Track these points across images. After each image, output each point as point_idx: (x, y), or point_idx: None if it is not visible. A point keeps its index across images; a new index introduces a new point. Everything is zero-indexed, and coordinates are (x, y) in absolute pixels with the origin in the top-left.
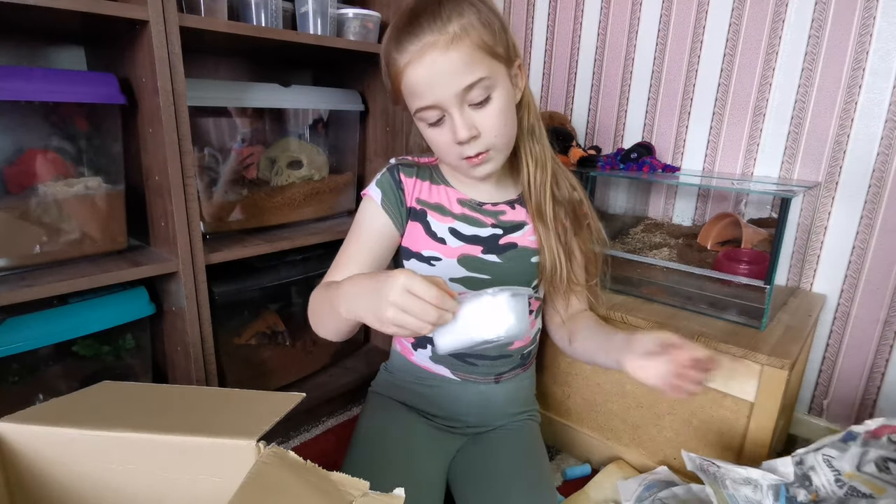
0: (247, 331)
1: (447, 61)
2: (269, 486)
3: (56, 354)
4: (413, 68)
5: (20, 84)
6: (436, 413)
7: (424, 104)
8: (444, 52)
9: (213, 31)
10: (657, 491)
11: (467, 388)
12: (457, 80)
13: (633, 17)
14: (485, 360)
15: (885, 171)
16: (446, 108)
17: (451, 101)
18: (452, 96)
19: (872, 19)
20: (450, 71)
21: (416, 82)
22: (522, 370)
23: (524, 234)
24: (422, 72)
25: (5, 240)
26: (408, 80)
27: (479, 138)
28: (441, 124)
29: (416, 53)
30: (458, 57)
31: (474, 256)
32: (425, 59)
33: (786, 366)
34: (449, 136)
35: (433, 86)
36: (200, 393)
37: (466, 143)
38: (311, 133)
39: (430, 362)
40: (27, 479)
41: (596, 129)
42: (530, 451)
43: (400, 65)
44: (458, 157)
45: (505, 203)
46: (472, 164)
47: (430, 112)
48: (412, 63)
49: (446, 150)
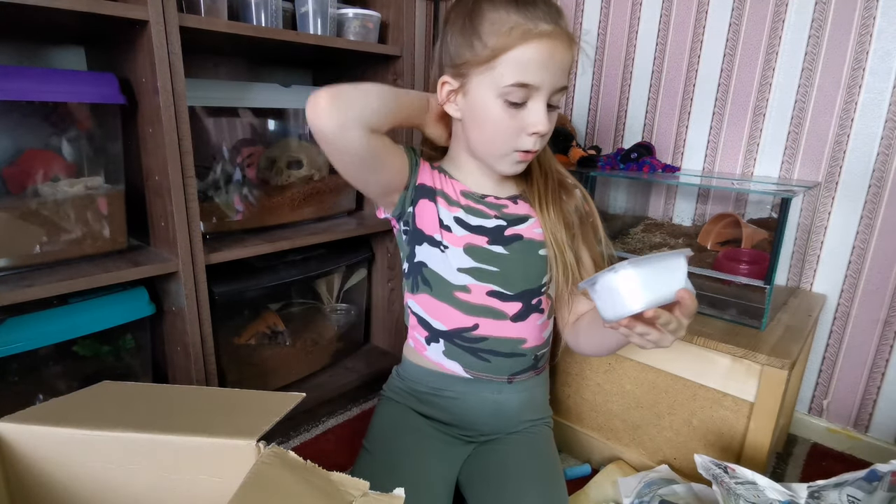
0: (247, 331)
1: (567, 56)
2: (269, 486)
3: (56, 354)
4: (539, 45)
5: (20, 84)
6: (448, 422)
7: (527, 80)
8: (566, 47)
9: (213, 31)
10: (657, 488)
11: (480, 393)
12: (563, 76)
13: (633, 17)
14: (498, 355)
15: (885, 171)
16: (539, 95)
17: (548, 90)
18: (552, 87)
19: (872, 19)
20: (563, 66)
21: (535, 59)
22: (535, 373)
23: (529, 226)
24: (544, 52)
25: (5, 240)
26: (525, 51)
27: (544, 137)
28: (519, 108)
29: (547, 35)
30: (570, 58)
31: (480, 247)
32: (554, 42)
33: (786, 366)
34: (520, 122)
35: (547, 70)
36: (200, 393)
37: (534, 137)
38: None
39: (443, 357)
40: (27, 479)
41: (596, 129)
42: (544, 454)
43: (521, 31)
44: (512, 147)
45: (507, 198)
46: (522, 158)
47: (522, 91)
48: (540, 40)
49: (507, 136)
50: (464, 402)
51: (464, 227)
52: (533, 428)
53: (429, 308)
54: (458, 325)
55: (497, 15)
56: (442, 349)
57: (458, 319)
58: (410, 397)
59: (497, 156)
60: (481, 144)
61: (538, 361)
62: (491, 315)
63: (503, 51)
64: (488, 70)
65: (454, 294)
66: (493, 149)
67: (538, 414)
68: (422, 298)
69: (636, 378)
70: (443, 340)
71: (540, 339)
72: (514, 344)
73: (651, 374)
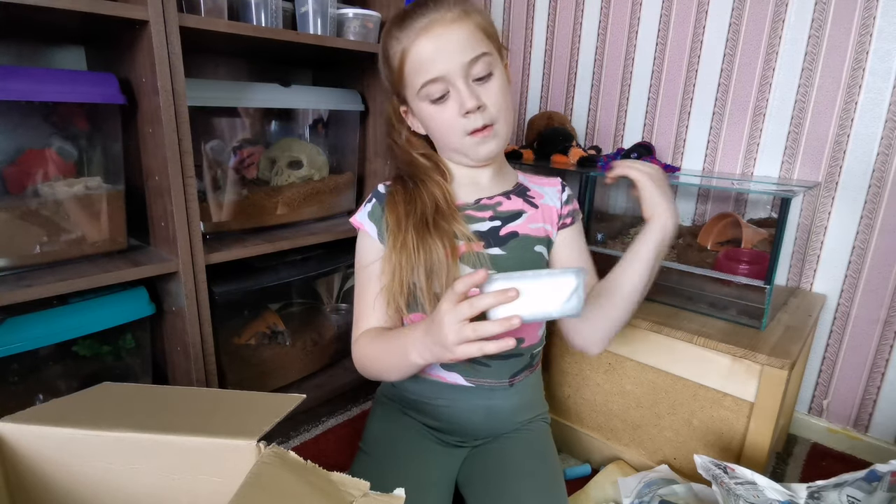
0: (247, 331)
1: (453, 34)
2: (269, 486)
3: (56, 354)
4: (420, 43)
5: (20, 84)
6: (443, 428)
7: (430, 77)
8: (449, 27)
9: (213, 31)
10: (657, 488)
11: (471, 400)
12: (462, 52)
13: (633, 17)
14: (497, 359)
15: (885, 171)
16: (452, 80)
17: (457, 72)
18: (459, 67)
19: (872, 19)
20: (456, 42)
21: (423, 56)
22: (530, 371)
23: (524, 221)
24: (428, 45)
25: (5, 240)
26: (413, 55)
27: (484, 109)
28: (445, 100)
29: (423, 29)
30: (463, 32)
31: (477, 252)
32: (432, 32)
33: (786, 366)
34: (454, 110)
35: (440, 58)
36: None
37: (473, 114)
38: (311, 133)
39: (441, 371)
40: (27, 480)
41: (596, 129)
42: (542, 454)
43: (405, 42)
44: (464, 133)
45: (500, 195)
46: (480, 137)
47: (434, 86)
48: (419, 38)
49: (450, 127)
50: (454, 409)
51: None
52: (530, 425)
53: None
54: None
55: (389, 40)
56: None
57: None
58: (403, 403)
59: (458, 148)
60: (443, 144)
61: (533, 359)
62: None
63: (402, 64)
64: (405, 85)
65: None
66: (451, 142)
67: (533, 412)
68: (419, 317)
69: (636, 378)
70: None
71: (536, 337)
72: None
73: (651, 374)
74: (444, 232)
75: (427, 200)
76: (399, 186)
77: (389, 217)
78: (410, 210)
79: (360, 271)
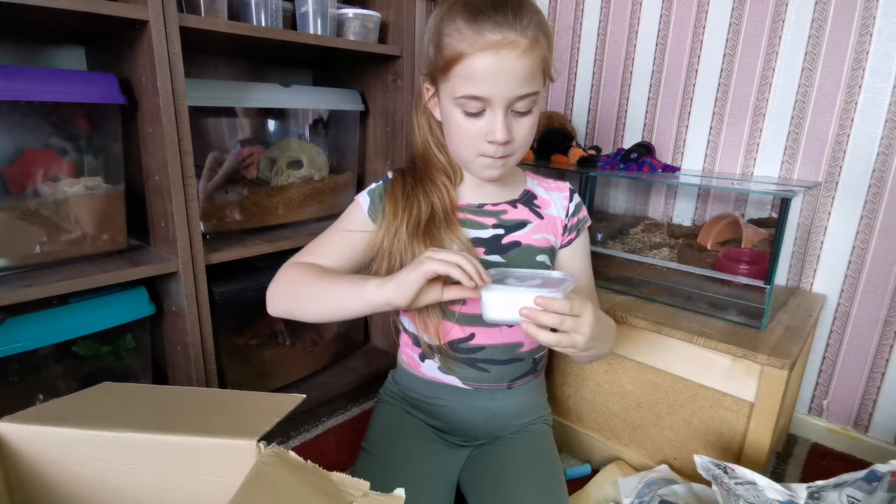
0: (247, 331)
1: (519, 65)
2: (269, 486)
3: (56, 354)
4: (482, 57)
5: (20, 84)
6: (444, 429)
7: (476, 93)
8: (519, 56)
9: (213, 31)
10: (657, 488)
11: (473, 402)
12: (518, 86)
13: (633, 17)
14: (496, 364)
15: (885, 171)
16: (494, 105)
17: (502, 101)
18: (506, 98)
19: (872, 19)
20: (517, 75)
21: (478, 70)
22: (534, 376)
23: (528, 231)
24: (490, 64)
25: (5, 240)
26: (470, 64)
27: (509, 144)
28: (478, 117)
29: (494, 44)
30: (528, 66)
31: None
32: (501, 53)
33: (786, 366)
34: (481, 130)
35: (496, 82)
36: (201, 394)
37: (496, 145)
38: (311, 133)
39: (439, 373)
40: (27, 480)
41: (596, 129)
42: (543, 455)
43: (467, 46)
44: (478, 153)
45: (506, 203)
46: (490, 161)
47: (474, 102)
48: (485, 52)
49: (470, 142)
50: (456, 409)
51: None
52: (531, 427)
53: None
54: (452, 336)
55: (451, 26)
56: (437, 365)
57: (453, 331)
58: (405, 402)
59: (466, 160)
60: (454, 148)
61: (537, 364)
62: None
63: (453, 63)
64: (445, 80)
65: (449, 307)
66: (462, 153)
67: (535, 414)
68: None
69: (636, 378)
70: (437, 357)
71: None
72: (511, 349)
73: (651, 374)
74: (434, 239)
75: (423, 207)
76: (400, 182)
77: (388, 205)
78: (406, 210)
79: (334, 228)
